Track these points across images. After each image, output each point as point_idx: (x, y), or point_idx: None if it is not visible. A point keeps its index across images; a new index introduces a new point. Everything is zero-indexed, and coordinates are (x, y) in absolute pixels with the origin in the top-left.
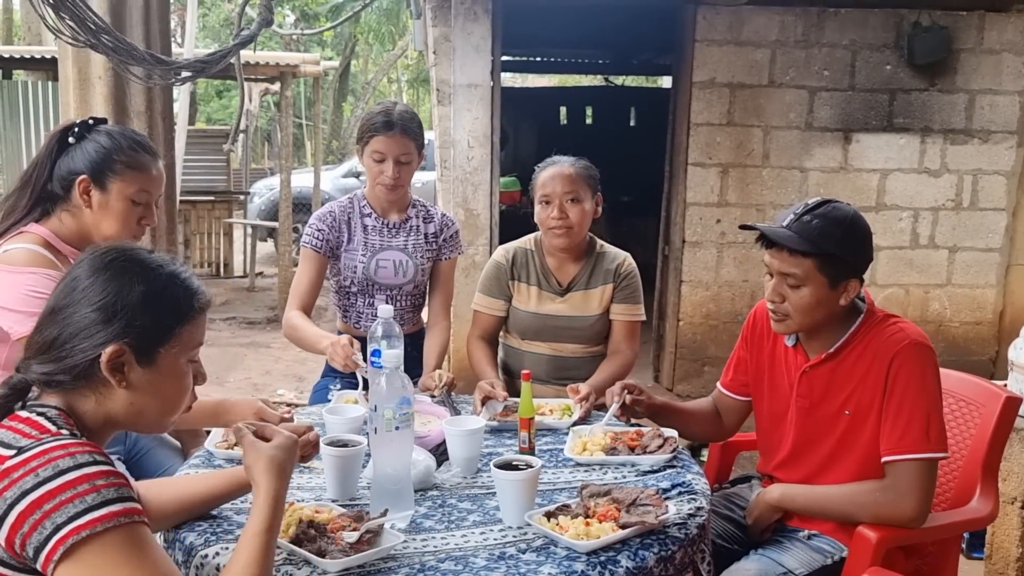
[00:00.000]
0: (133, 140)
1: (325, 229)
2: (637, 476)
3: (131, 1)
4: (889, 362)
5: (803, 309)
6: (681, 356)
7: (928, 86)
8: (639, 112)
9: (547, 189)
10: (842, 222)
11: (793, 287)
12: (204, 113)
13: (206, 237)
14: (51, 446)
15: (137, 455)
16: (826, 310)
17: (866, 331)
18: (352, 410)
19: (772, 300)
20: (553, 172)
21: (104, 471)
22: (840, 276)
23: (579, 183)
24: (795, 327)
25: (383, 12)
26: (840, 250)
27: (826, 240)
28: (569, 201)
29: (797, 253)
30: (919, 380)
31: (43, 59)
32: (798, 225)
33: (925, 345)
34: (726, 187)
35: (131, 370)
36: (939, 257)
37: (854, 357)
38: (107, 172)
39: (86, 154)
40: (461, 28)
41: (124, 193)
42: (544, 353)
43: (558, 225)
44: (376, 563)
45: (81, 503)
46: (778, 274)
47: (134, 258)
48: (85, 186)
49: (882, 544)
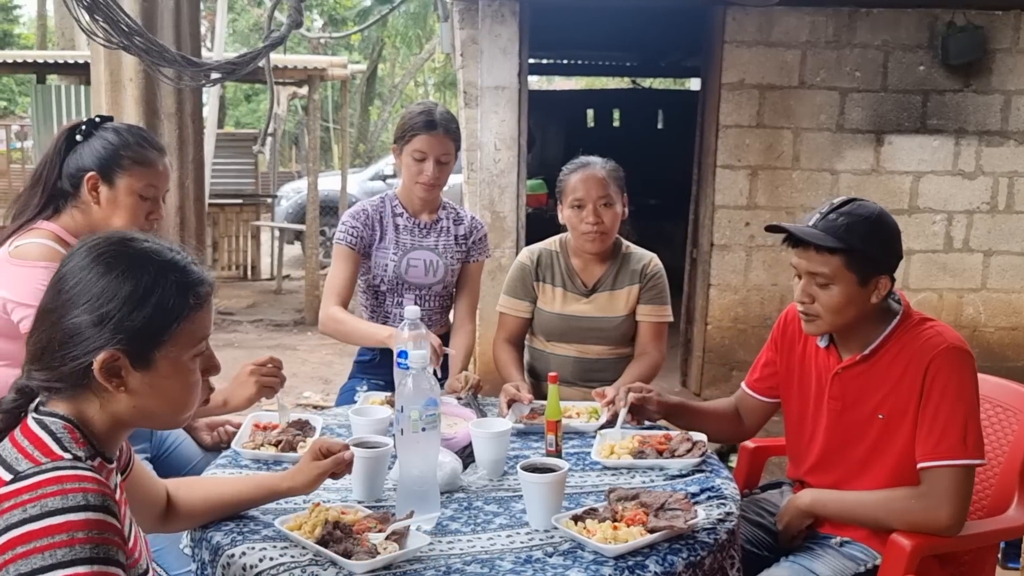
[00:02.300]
0: (139, 136)
1: (359, 226)
2: (665, 480)
3: (162, 4)
4: (926, 366)
5: (833, 308)
6: (709, 360)
7: (963, 87)
8: (667, 114)
9: (579, 193)
10: (868, 218)
11: (822, 286)
12: (233, 117)
13: (234, 240)
14: (45, 479)
15: (166, 452)
16: (857, 309)
17: (902, 333)
18: (378, 411)
19: (802, 301)
20: (585, 176)
21: (89, 520)
22: (869, 273)
23: (611, 186)
24: (826, 327)
25: (410, 15)
26: (867, 246)
27: (852, 236)
28: (603, 206)
29: (824, 251)
30: (956, 385)
31: (76, 64)
32: (824, 223)
33: (963, 349)
34: (755, 190)
35: (128, 375)
36: (974, 261)
37: (889, 359)
38: (115, 168)
39: (94, 151)
40: (488, 30)
41: (132, 188)
42: (570, 355)
43: (593, 230)
44: (402, 565)
45: (51, 556)
46: (806, 274)
47: (123, 252)
48: (94, 182)
49: (916, 552)
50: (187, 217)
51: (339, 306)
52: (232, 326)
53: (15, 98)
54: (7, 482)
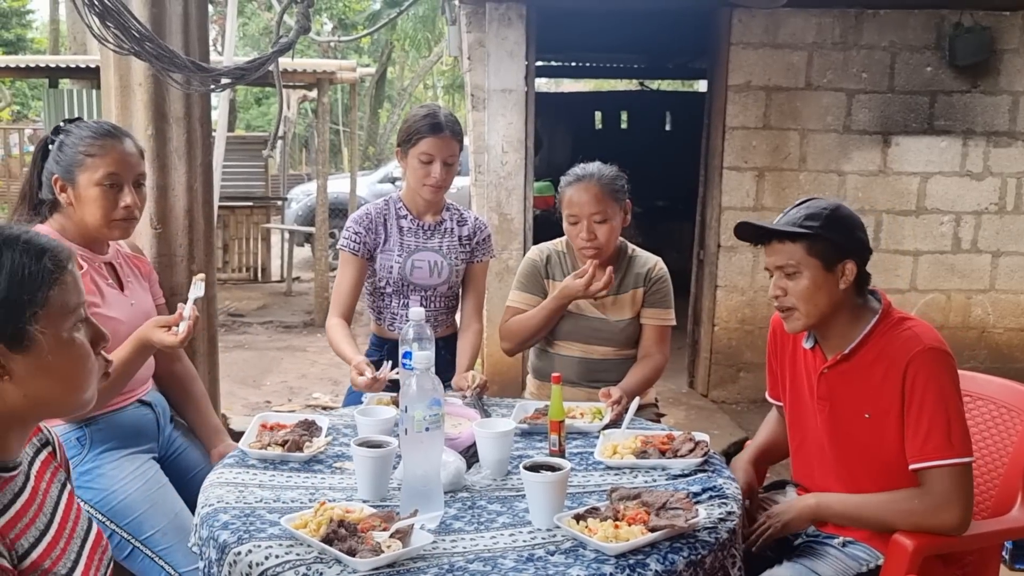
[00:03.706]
0: (93, 129)
1: (362, 232)
2: (668, 480)
3: (171, 10)
4: (904, 369)
5: (804, 296)
6: (716, 362)
7: (970, 88)
8: (674, 116)
9: (574, 209)
10: (825, 207)
11: (790, 275)
12: (243, 120)
13: (244, 242)
14: None
15: (172, 455)
16: (828, 296)
17: (881, 333)
18: (383, 411)
19: (776, 296)
20: (580, 190)
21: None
22: (832, 257)
23: (606, 201)
24: (803, 319)
25: (419, 19)
26: (825, 231)
27: (810, 222)
28: (597, 222)
29: (786, 239)
30: (936, 387)
31: (88, 68)
32: (785, 219)
33: (940, 350)
34: (762, 191)
35: (9, 360)
36: (982, 262)
37: (870, 359)
38: (72, 167)
39: (56, 155)
40: (495, 33)
41: (91, 180)
42: (575, 355)
43: (587, 246)
44: (405, 563)
45: None
46: (775, 269)
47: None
48: (61, 185)
49: (919, 552)
50: (196, 220)
51: (340, 317)
52: (242, 328)
53: (28, 102)
54: None
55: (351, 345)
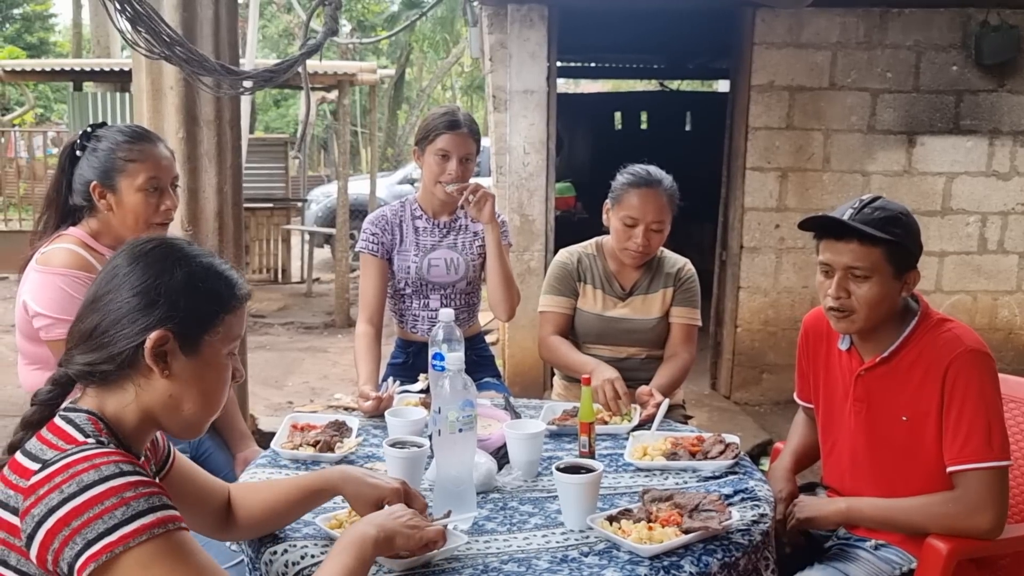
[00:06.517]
0: (128, 134)
1: (379, 232)
2: (698, 482)
3: (202, 14)
4: (944, 370)
5: (871, 302)
6: (739, 363)
7: (997, 87)
8: (695, 117)
9: (635, 213)
10: (901, 212)
11: (860, 279)
12: (262, 122)
13: (265, 244)
14: (75, 459)
15: (201, 456)
16: (889, 304)
17: (921, 335)
18: (414, 412)
19: (837, 296)
20: (646, 196)
21: (132, 482)
22: (903, 266)
23: (667, 212)
24: (861, 323)
25: (437, 20)
26: (904, 238)
27: (893, 228)
28: (654, 231)
29: (867, 242)
30: (977, 388)
31: (111, 71)
32: (860, 217)
33: (981, 352)
34: (785, 192)
35: (174, 358)
36: (1008, 263)
37: (909, 361)
38: (112, 172)
39: (91, 161)
40: (517, 35)
41: (133, 186)
42: (604, 356)
43: (638, 252)
44: (440, 563)
45: (111, 518)
46: (843, 268)
47: (173, 245)
48: (100, 191)
49: (953, 556)
50: (225, 222)
51: (368, 323)
52: (263, 328)
53: (51, 105)
54: (35, 471)
55: (367, 365)
